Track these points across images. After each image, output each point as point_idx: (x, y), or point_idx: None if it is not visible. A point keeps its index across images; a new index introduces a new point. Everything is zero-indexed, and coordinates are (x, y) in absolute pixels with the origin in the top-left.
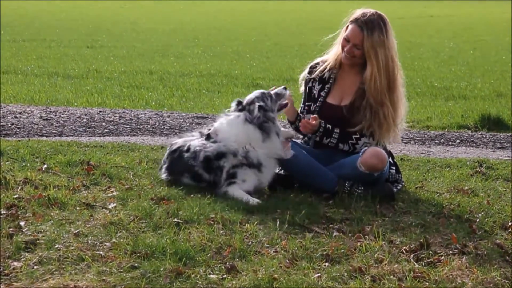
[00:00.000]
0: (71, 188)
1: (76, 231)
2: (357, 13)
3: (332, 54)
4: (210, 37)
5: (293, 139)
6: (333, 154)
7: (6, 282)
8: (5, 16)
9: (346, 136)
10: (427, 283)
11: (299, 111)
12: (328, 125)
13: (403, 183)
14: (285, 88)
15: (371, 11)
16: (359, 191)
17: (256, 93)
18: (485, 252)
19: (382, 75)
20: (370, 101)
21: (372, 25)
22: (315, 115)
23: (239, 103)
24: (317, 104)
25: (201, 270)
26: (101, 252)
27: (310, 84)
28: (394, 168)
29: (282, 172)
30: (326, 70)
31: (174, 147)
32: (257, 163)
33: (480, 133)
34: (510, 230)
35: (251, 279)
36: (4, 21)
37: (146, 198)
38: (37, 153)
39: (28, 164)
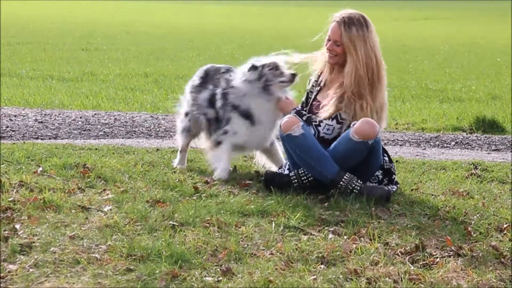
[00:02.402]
0: (66, 191)
1: (72, 234)
2: (337, 13)
3: (318, 62)
4: (204, 40)
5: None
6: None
7: (1, 285)
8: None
9: (310, 119)
10: (423, 285)
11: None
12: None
13: (398, 185)
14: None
15: (351, 10)
16: (355, 186)
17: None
18: (480, 254)
19: (362, 70)
20: (348, 94)
21: (350, 21)
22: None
23: None
24: (309, 102)
25: (196, 273)
26: (96, 255)
27: (309, 89)
28: (386, 155)
29: (278, 170)
30: (320, 75)
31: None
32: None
33: (475, 135)
34: (505, 232)
35: (247, 281)
36: None
37: (142, 200)
38: (32, 156)
39: (23, 167)
